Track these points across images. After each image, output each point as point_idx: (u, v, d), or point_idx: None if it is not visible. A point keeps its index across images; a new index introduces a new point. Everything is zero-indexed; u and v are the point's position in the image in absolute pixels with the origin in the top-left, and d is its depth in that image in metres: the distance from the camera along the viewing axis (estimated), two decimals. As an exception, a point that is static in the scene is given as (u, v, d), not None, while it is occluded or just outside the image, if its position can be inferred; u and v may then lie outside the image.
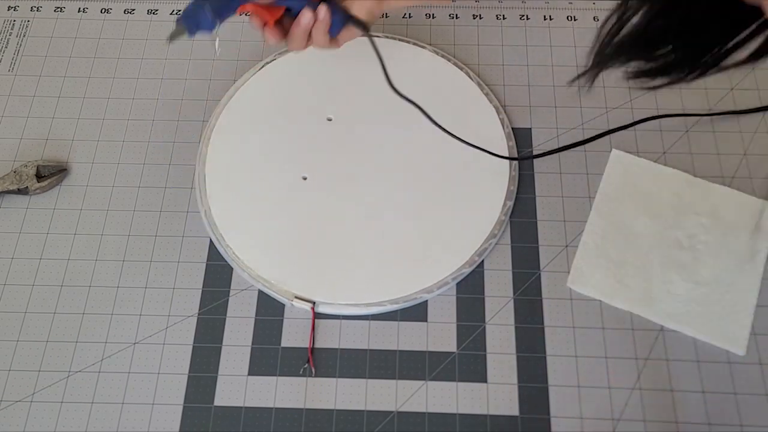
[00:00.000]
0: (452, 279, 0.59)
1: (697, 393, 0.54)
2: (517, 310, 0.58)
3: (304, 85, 0.68)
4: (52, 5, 0.75)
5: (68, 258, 0.61)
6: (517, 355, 0.56)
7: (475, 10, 0.74)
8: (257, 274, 0.59)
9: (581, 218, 0.62)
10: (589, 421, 0.54)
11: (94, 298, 0.59)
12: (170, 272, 0.60)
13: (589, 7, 0.73)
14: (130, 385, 0.55)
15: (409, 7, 0.74)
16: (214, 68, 0.70)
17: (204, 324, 0.58)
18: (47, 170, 0.64)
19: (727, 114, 0.66)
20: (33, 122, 0.67)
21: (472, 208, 0.61)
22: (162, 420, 0.54)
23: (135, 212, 0.63)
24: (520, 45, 0.71)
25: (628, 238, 0.60)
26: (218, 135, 0.65)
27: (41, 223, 0.62)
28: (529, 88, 0.68)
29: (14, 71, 0.70)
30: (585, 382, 0.55)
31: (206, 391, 0.55)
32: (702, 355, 0.56)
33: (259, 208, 0.62)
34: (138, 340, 0.57)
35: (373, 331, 0.57)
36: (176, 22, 0.49)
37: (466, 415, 0.54)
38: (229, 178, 0.63)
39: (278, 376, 0.56)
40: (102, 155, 0.66)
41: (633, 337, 0.57)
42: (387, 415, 0.54)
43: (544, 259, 0.60)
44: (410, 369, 0.56)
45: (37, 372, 0.56)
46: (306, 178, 0.63)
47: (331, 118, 0.66)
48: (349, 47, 0.59)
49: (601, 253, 0.59)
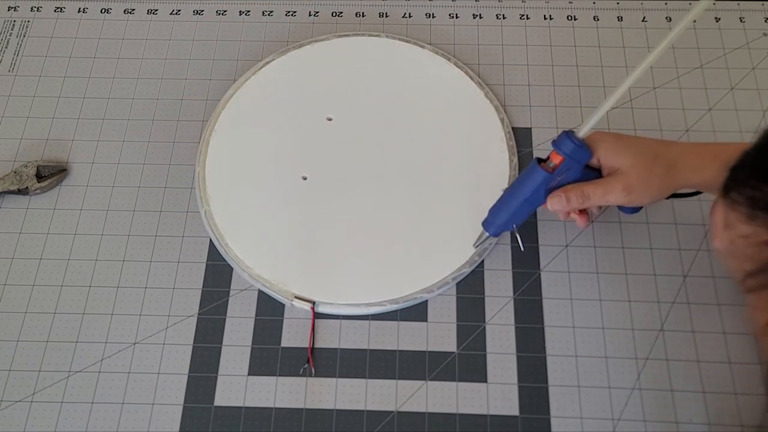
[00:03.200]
0: (452, 279, 0.59)
1: (698, 393, 0.54)
2: (518, 310, 0.58)
3: (305, 85, 0.68)
4: (52, 5, 0.75)
5: (68, 258, 0.61)
6: (517, 355, 0.56)
7: (475, 9, 0.74)
8: (257, 274, 0.59)
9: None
10: (589, 421, 0.54)
11: (94, 299, 0.59)
12: (170, 272, 0.60)
13: (589, 6, 0.73)
14: (130, 386, 0.55)
15: (409, 8, 0.74)
16: (214, 68, 0.70)
17: (204, 324, 0.58)
18: (47, 170, 0.64)
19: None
20: (33, 122, 0.67)
21: (472, 207, 0.61)
22: (162, 420, 0.54)
23: (135, 212, 0.63)
24: (520, 44, 0.71)
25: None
26: (218, 135, 0.65)
27: (41, 223, 0.62)
28: (529, 87, 0.68)
29: (14, 71, 0.70)
30: (585, 382, 0.55)
31: (206, 391, 0.55)
32: (702, 355, 0.56)
33: (259, 208, 0.62)
34: (138, 340, 0.57)
35: (373, 331, 0.57)
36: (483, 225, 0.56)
37: (466, 415, 0.54)
38: (229, 178, 0.63)
39: (278, 376, 0.56)
40: (102, 155, 0.66)
41: (633, 337, 0.57)
42: (387, 415, 0.54)
43: (544, 259, 0.60)
44: (410, 369, 0.56)
45: (38, 372, 0.56)
46: (306, 178, 0.63)
47: (332, 118, 0.66)
48: (349, 47, 0.59)
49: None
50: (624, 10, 0.73)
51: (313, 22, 0.73)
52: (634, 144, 0.51)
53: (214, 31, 0.72)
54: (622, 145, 0.51)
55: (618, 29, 0.72)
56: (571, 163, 0.51)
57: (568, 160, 0.51)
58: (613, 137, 0.52)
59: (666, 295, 0.58)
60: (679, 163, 0.50)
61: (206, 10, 0.74)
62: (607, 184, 0.51)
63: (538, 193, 0.53)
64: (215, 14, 0.74)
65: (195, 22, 0.73)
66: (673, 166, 0.50)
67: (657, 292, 0.58)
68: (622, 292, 0.58)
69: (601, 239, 0.61)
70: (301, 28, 0.73)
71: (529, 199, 0.53)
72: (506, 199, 0.55)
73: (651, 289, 0.58)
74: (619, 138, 0.52)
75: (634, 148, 0.51)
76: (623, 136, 0.52)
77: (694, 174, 0.50)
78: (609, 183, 0.51)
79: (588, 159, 0.51)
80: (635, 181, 0.50)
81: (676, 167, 0.50)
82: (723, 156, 0.42)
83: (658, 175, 0.49)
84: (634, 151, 0.50)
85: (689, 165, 0.50)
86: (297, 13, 0.74)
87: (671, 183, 0.50)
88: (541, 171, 0.52)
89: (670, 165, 0.50)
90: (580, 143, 0.50)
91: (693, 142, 0.51)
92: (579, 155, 0.51)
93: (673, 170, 0.50)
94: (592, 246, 0.60)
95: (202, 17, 0.73)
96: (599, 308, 0.58)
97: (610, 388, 0.55)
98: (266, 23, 0.73)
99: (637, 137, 0.53)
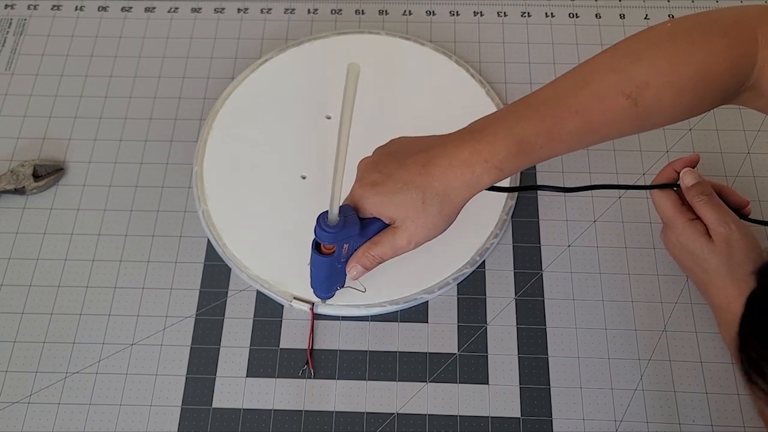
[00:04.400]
0: (453, 279, 0.58)
1: (700, 394, 0.54)
2: (519, 311, 0.57)
3: (303, 83, 0.67)
4: (49, 4, 0.74)
5: (65, 258, 0.60)
6: (519, 357, 0.56)
7: (476, 6, 0.73)
8: (255, 275, 0.58)
9: (584, 218, 0.61)
10: (591, 423, 0.53)
11: (91, 299, 0.58)
12: (168, 273, 0.59)
13: (591, 4, 0.73)
14: (127, 387, 0.55)
15: (409, 5, 0.73)
16: (212, 66, 0.70)
17: (202, 325, 0.57)
18: (44, 170, 0.63)
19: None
20: (30, 121, 0.67)
21: (473, 207, 0.60)
22: (160, 422, 0.54)
23: (132, 212, 0.62)
24: (521, 42, 0.71)
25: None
26: (216, 134, 0.64)
27: (38, 223, 0.62)
28: (531, 86, 0.68)
29: (11, 70, 0.70)
30: (587, 383, 0.55)
31: (204, 393, 0.55)
32: (705, 356, 0.55)
33: (258, 208, 0.61)
34: (135, 341, 0.57)
35: (373, 332, 0.57)
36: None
37: (468, 417, 0.54)
38: (227, 178, 0.63)
39: (277, 378, 0.55)
40: (99, 154, 0.65)
41: (635, 338, 0.56)
42: (387, 417, 0.54)
43: (546, 259, 0.59)
44: (411, 370, 0.55)
45: (34, 373, 0.55)
46: (305, 177, 0.63)
47: (330, 117, 0.65)
48: (349, 44, 0.58)
49: None
50: (626, 7, 0.72)
51: (312, 20, 0.72)
52: (397, 188, 0.46)
53: (212, 29, 0.72)
54: (385, 196, 0.47)
55: (620, 27, 0.71)
56: (344, 240, 0.48)
57: (339, 243, 0.48)
58: (373, 189, 0.47)
59: (669, 295, 0.58)
60: (449, 187, 0.46)
61: (204, 8, 0.73)
62: (392, 241, 0.48)
63: (335, 269, 0.50)
64: (213, 12, 0.73)
65: (193, 20, 0.73)
66: (443, 195, 0.46)
67: (660, 292, 0.58)
68: (624, 293, 0.58)
69: (604, 239, 0.60)
70: (300, 26, 0.72)
71: (331, 275, 0.51)
72: (313, 278, 0.53)
73: (654, 290, 0.58)
74: (381, 185, 0.47)
75: (398, 194, 0.46)
76: (383, 180, 0.47)
77: (467, 189, 0.47)
78: (392, 240, 0.48)
79: (357, 227, 0.47)
80: (414, 230, 0.47)
81: (447, 194, 0.46)
82: (481, 150, 0.45)
83: (434, 213, 0.47)
84: (399, 200, 0.46)
85: (459, 183, 0.46)
86: (296, 10, 0.73)
87: (451, 210, 0.48)
88: (322, 258, 0.49)
89: (441, 194, 0.46)
90: (336, 228, 0.46)
91: (449, 140, 0.47)
92: (344, 234, 0.47)
93: (446, 198, 0.46)
94: (595, 246, 0.60)
95: (200, 15, 0.73)
96: (602, 309, 0.57)
97: (613, 389, 0.54)
98: (265, 21, 0.72)
99: (398, 163, 0.47)
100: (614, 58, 0.47)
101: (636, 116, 0.45)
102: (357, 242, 0.49)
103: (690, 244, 0.52)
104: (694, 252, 0.52)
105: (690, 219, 0.52)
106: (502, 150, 0.45)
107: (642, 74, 0.45)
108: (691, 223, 0.52)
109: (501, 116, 0.47)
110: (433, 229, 0.48)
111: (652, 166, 0.63)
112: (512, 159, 0.45)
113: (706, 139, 0.64)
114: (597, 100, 0.45)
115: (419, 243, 0.48)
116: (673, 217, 0.53)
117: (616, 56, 0.47)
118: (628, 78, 0.45)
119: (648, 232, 0.60)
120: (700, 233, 0.52)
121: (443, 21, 0.72)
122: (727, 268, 0.51)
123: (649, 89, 0.44)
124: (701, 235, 0.52)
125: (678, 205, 0.53)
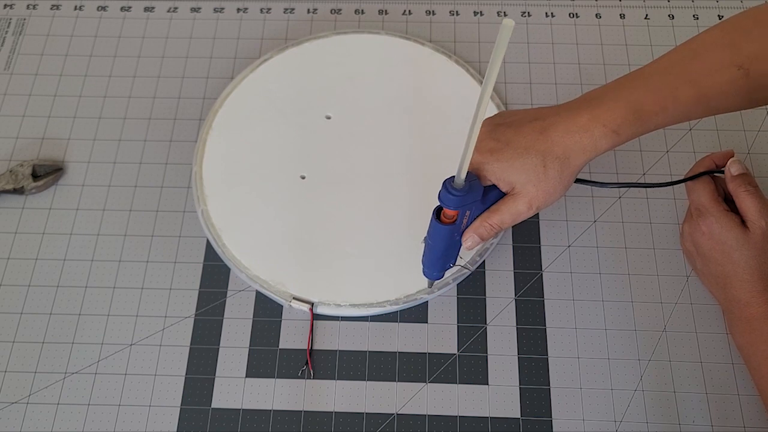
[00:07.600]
0: (453, 279, 0.58)
1: (700, 394, 0.54)
2: (519, 311, 0.57)
3: (303, 83, 0.67)
4: (48, 3, 0.74)
5: (64, 258, 0.60)
6: (519, 357, 0.56)
7: (476, 6, 0.73)
8: (255, 275, 0.58)
9: (584, 218, 0.61)
10: (591, 423, 0.53)
11: (91, 299, 0.58)
12: (167, 273, 0.59)
13: (591, 4, 0.73)
14: (126, 387, 0.55)
15: (409, 5, 0.73)
16: (211, 66, 0.69)
17: (201, 325, 0.57)
18: (43, 170, 0.63)
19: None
20: (29, 121, 0.67)
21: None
22: (159, 422, 0.54)
23: (131, 212, 0.62)
24: (521, 42, 0.70)
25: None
26: (215, 134, 0.64)
27: (37, 223, 0.62)
28: (531, 86, 0.68)
29: (10, 70, 0.70)
30: (587, 383, 0.55)
31: (203, 393, 0.55)
32: (705, 356, 0.55)
33: (257, 208, 0.61)
34: (135, 341, 0.57)
35: (373, 332, 0.57)
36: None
37: (467, 418, 0.53)
38: (226, 178, 0.62)
39: (276, 378, 0.55)
40: (98, 154, 0.65)
41: (635, 338, 0.56)
42: (387, 418, 0.54)
43: (546, 259, 0.59)
44: (410, 371, 0.55)
45: (33, 374, 0.55)
46: (304, 177, 0.62)
47: (330, 116, 0.65)
48: (348, 44, 0.58)
49: None
50: (626, 7, 0.72)
51: (311, 20, 0.72)
52: (517, 154, 0.47)
53: (211, 29, 0.72)
54: (506, 162, 0.47)
55: (620, 27, 0.71)
56: (467, 207, 0.47)
57: (462, 208, 0.48)
58: (493, 156, 0.48)
59: (669, 295, 0.58)
60: (568, 150, 0.47)
61: (203, 7, 0.73)
62: (512, 208, 0.48)
63: (453, 241, 0.50)
64: (212, 12, 0.73)
65: (192, 20, 0.72)
66: (564, 158, 0.47)
67: (660, 292, 0.58)
68: (624, 293, 0.58)
69: (604, 239, 0.60)
70: (300, 26, 0.72)
71: (448, 247, 0.51)
72: (427, 253, 0.52)
73: (654, 290, 0.58)
74: (500, 152, 0.48)
75: (519, 159, 0.47)
76: (502, 147, 0.48)
77: (584, 153, 0.48)
78: (512, 206, 0.48)
79: (480, 192, 0.47)
80: (535, 194, 0.48)
81: (567, 157, 0.48)
82: (599, 115, 0.46)
83: (554, 177, 0.48)
84: (519, 164, 0.47)
85: (578, 147, 0.47)
86: (295, 10, 0.73)
87: (570, 174, 0.48)
88: (443, 227, 0.48)
89: (561, 158, 0.47)
90: (462, 192, 0.46)
91: (563, 109, 0.48)
92: (468, 199, 0.46)
93: (566, 162, 0.48)
94: (595, 246, 0.60)
95: (199, 15, 0.73)
96: (602, 309, 0.57)
97: (613, 389, 0.54)
98: (264, 20, 0.72)
99: (514, 131, 0.48)
100: (724, 32, 0.48)
101: (747, 89, 0.47)
102: (477, 210, 0.49)
103: (723, 233, 0.51)
104: (726, 242, 0.51)
105: (726, 209, 0.52)
106: (620, 116, 0.47)
107: (753, 48, 0.46)
108: (728, 213, 0.52)
109: (616, 86, 0.49)
110: (552, 192, 0.48)
111: (652, 166, 0.63)
112: (629, 125, 0.47)
113: (706, 139, 0.64)
114: (710, 71, 0.47)
115: (540, 207, 0.49)
116: (710, 205, 0.52)
117: (726, 31, 0.48)
118: (738, 51, 0.46)
119: (648, 233, 0.60)
120: (735, 223, 0.51)
121: (443, 21, 0.72)
122: (758, 262, 0.50)
123: (759, 62, 0.46)
124: (737, 225, 0.51)
125: (715, 194, 0.53)
